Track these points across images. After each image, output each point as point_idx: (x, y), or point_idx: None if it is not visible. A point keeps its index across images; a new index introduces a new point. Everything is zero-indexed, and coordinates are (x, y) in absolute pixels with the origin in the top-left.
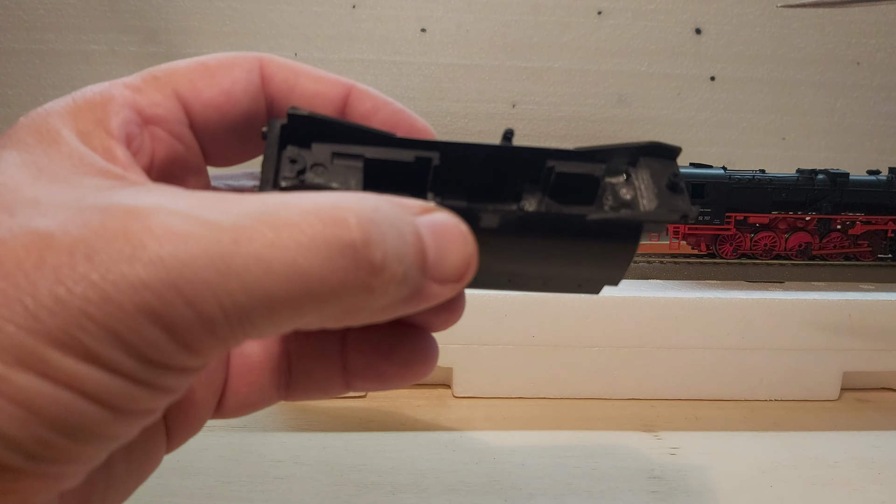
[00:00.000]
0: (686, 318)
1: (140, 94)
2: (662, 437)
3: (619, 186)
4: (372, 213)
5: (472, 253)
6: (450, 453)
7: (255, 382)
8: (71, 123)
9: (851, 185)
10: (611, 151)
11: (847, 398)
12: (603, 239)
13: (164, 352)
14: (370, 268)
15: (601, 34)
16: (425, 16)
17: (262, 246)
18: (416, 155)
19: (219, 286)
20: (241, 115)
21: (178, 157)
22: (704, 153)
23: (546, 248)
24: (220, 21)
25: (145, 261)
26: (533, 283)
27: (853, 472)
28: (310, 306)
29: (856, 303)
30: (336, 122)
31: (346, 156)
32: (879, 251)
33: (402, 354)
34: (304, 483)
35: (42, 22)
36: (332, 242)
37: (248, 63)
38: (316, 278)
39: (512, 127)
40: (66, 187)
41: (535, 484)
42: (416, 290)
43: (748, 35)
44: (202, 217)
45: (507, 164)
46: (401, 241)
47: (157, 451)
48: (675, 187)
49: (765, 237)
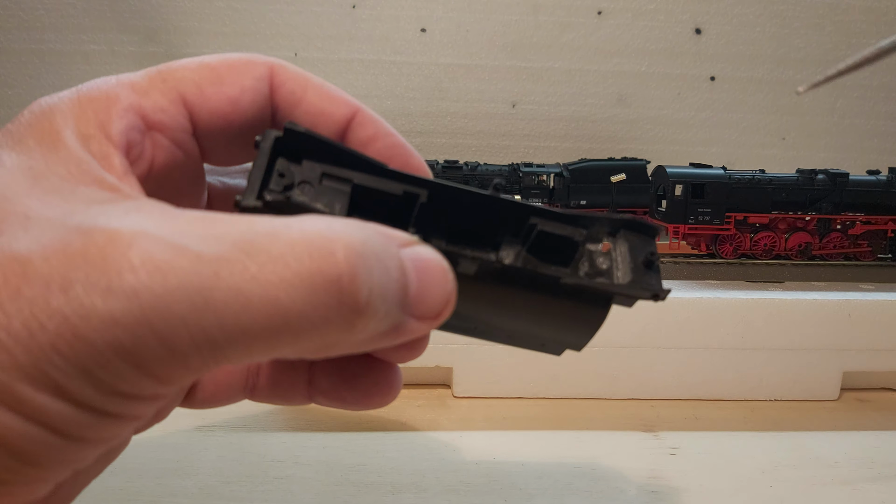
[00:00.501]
0: (686, 319)
1: (146, 97)
2: (662, 438)
3: (597, 255)
4: (361, 246)
5: (452, 291)
6: (450, 453)
7: (223, 381)
8: (73, 124)
9: (851, 185)
10: (593, 219)
11: (847, 398)
12: (573, 303)
13: (134, 384)
14: (354, 305)
15: (601, 34)
16: (425, 16)
17: (243, 280)
18: (404, 189)
19: (193, 322)
20: (245, 124)
21: (177, 163)
22: (704, 153)
23: (516, 302)
24: (220, 21)
25: (119, 294)
26: (497, 335)
27: (853, 472)
28: (287, 341)
29: (856, 303)
30: (332, 143)
31: (335, 178)
32: (879, 251)
33: (364, 384)
34: (304, 483)
35: (42, 22)
36: (317, 278)
37: (259, 70)
38: (296, 315)
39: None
40: (58, 199)
41: (534, 484)
42: (395, 326)
43: (748, 35)
44: (184, 246)
45: (492, 213)
46: (386, 276)
47: (125, 440)
48: (651, 265)
49: (765, 237)
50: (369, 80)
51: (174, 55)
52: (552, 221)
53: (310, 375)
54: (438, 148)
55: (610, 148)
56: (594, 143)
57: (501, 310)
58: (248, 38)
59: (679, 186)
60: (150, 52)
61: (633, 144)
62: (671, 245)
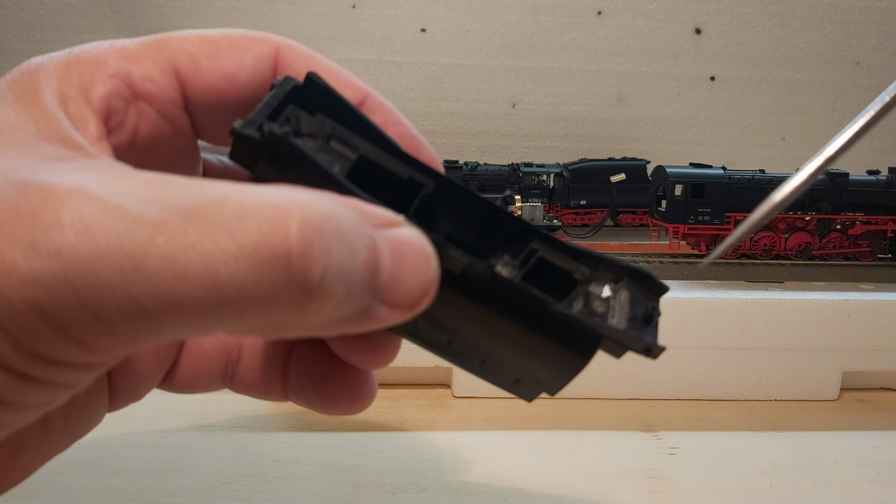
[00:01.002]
0: (686, 319)
1: (135, 64)
2: (662, 437)
3: (594, 297)
4: (320, 222)
5: (433, 279)
6: (449, 453)
7: (202, 368)
8: (56, 84)
9: (851, 184)
10: (599, 260)
11: (846, 398)
12: (557, 339)
13: (57, 349)
14: (304, 284)
15: (601, 34)
16: (425, 16)
17: (180, 248)
18: (411, 174)
19: (120, 288)
20: (241, 103)
21: (163, 136)
22: (704, 153)
23: (497, 323)
24: (220, 21)
25: (42, 252)
26: (471, 357)
27: (853, 472)
28: (228, 317)
29: (855, 303)
30: (348, 105)
31: (343, 142)
32: (879, 251)
33: (330, 388)
34: (304, 483)
35: (42, 22)
36: (263, 251)
37: (262, 48)
38: (237, 289)
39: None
40: (15, 153)
41: (534, 484)
42: (361, 311)
43: (748, 35)
44: (123, 207)
45: (496, 226)
46: (349, 256)
47: (98, 411)
48: (650, 320)
49: (764, 237)
50: (369, 80)
51: None
52: (554, 251)
53: (284, 371)
54: (438, 148)
55: (610, 148)
56: (594, 143)
57: (480, 328)
58: None
59: (679, 186)
60: None
61: (633, 144)
62: (671, 245)
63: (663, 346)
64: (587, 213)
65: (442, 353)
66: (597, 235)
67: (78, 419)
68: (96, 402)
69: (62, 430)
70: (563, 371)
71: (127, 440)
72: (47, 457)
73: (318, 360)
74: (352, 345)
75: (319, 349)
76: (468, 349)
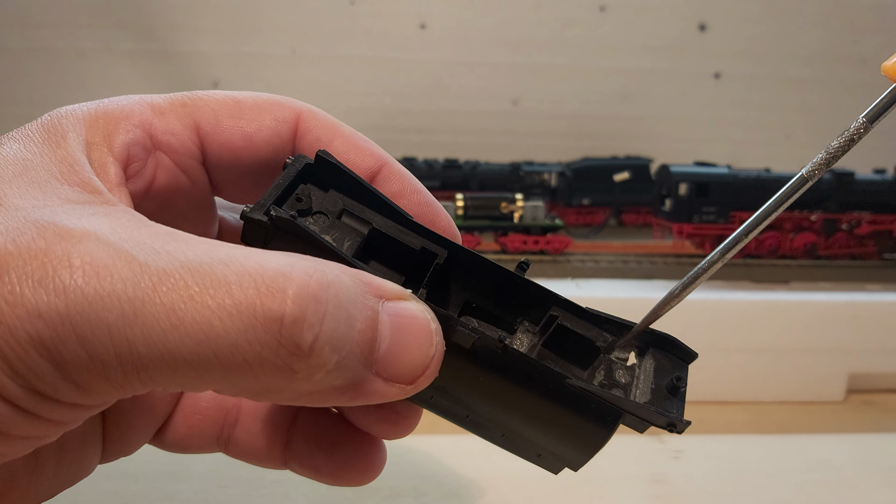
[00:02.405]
0: (690, 319)
1: (160, 117)
2: (666, 441)
3: (618, 366)
4: (318, 289)
5: (434, 356)
6: (449, 457)
7: (195, 427)
8: (82, 130)
9: (857, 184)
10: (623, 326)
11: (852, 400)
12: (577, 412)
13: (51, 385)
14: (294, 348)
15: (604, 30)
16: (425, 11)
17: (179, 298)
18: (423, 245)
19: (118, 331)
20: (258, 162)
21: (180, 187)
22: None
23: (515, 397)
24: (217, 17)
25: (48, 288)
26: (492, 431)
27: (859, 475)
28: (217, 374)
29: (862, 303)
30: (359, 180)
31: (355, 217)
32: (886, 251)
33: (343, 455)
34: (302, 487)
35: (37, 19)
36: (258, 311)
37: (283, 112)
38: (228, 346)
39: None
40: (37, 192)
41: (536, 488)
42: (354, 382)
43: (753, 31)
44: (131, 254)
45: (513, 293)
46: (345, 325)
47: (90, 460)
48: (676, 391)
49: (770, 237)
50: (368, 76)
51: (170, 52)
52: (575, 317)
53: (288, 438)
54: (438, 146)
55: (613, 146)
56: (597, 140)
57: (497, 402)
58: (246, 34)
59: (683, 185)
60: (146, 49)
61: (637, 142)
62: (675, 244)
63: (688, 421)
64: (590, 212)
65: (462, 424)
66: (600, 235)
67: (70, 465)
68: (90, 452)
69: (53, 475)
70: (584, 446)
71: None
72: (36, 500)
73: (329, 425)
74: (372, 413)
75: (330, 414)
76: (488, 422)
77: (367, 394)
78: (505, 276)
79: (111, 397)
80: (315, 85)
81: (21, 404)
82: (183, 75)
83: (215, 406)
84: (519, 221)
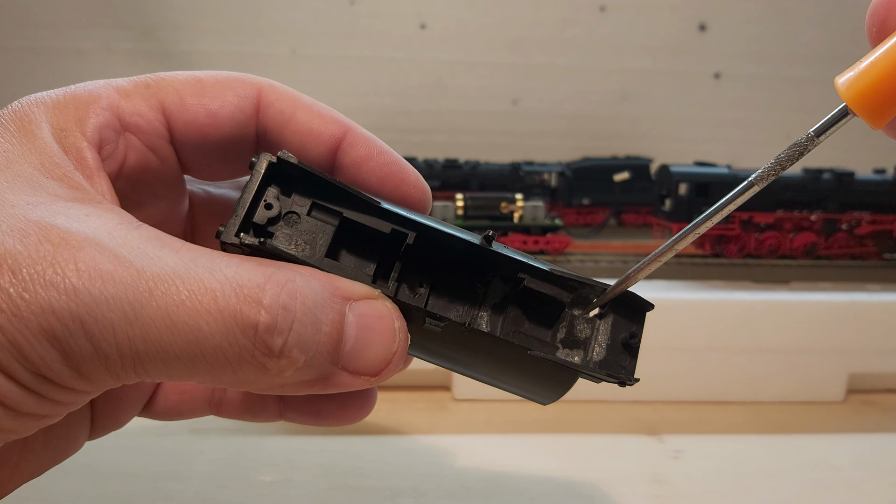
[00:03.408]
0: (690, 320)
1: (126, 100)
2: (666, 441)
3: (580, 321)
4: (288, 299)
5: (397, 352)
6: (449, 457)
7: (187, 392)
8: (52, 118)
9: (857, 184)
10: (583, 283)
11: (852, 400)
12: (542, 372)
13: (57, 372)
14: (267, 351)
15: (604, 30)
16: (425, 11)
17: (172, 303)
18: (392, 228)
19: (121, 330)
20: (223, 138)
21: (150, 166)
22: (709, 151)
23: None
24: (217, 17)
25: (61, 289)
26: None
27: (859, 475)
28: (203, 369)
29: (862, 303)
30: (323, 177)
31: (325, 209)
32: (886, 251)
33: (341, 395)
34: (301, 487)
35: (37, 19)
36: (237, 318)
37: (244, 88)
38: (212, 347)
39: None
40: (25, 186)
41: (536, 488)
42: (322, 376)
43: (753, 31)
44: (129, 261)
45: (482, 262)
46: (313, 329)
47: (79, 437)
48: (629, 347)
49: (770, 237)
50: (368, 77)
51: (169, 52)
52: (538, 280)
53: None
54: (438, 146)
55: (613, 146)
56: (597, 140)
57: (477, 357)
58: (245, 34)
59: (683, 185)
60: (146, 49)
61: (637, 142)
62: None
63: (637, 378)
64: (590, 212)
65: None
66: (600, 235)
67: (58, 442)
68: (78, 429)
69: (41, 452)
70: (552, 393)
71: (121, 444)
72: (25, 478)
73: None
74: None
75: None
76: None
77: (335, 385)
78: (473, 249)
79: (107, 385)
80: (315, 85)
81: (30, 386)
82: None
83: None
84: (519, 221)
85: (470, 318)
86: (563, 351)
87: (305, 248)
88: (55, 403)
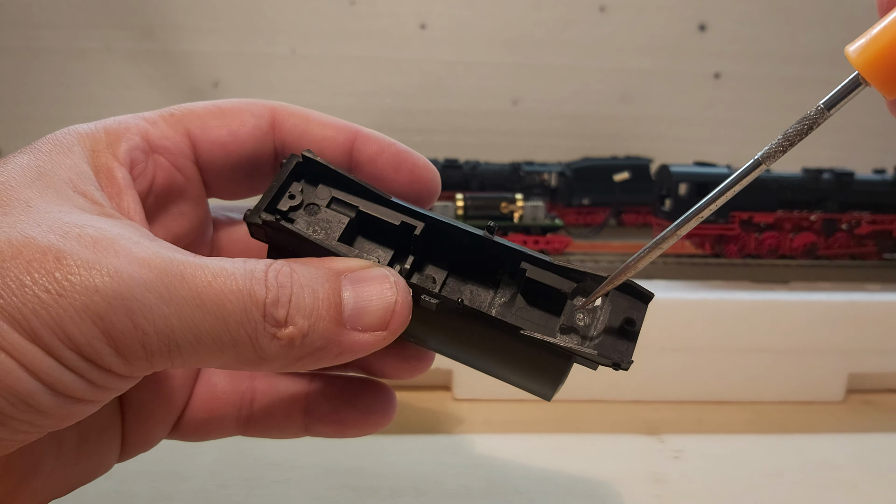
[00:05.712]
0: (690, 320)
1: (154, 126)
2: (666, 440)
3: (580, 310)
4: (285, 278)
5: (399, 301)
6: (449, 457)
7: (214, 410)
8: (86, 143)
9: (857, 184)
10: (585, 274)
11: (852, 400)
12: (538, 352)
13: (98, 350)
14: (274, 322)
15: (604, 31)
16: (425, 11)
17: (201, 284)
18: (402, 220)
19: (157, 308)
20: (245, 156)
21: (176, 185)
22: (708, 152)
23: (486, 341)
24: (217, 17)
25: (104, 272)
26: (479, 364)
27: (858, 475)
28: (228, 346)
29: (861, 303)
30: (341, 173)
31: (343, 203)
32: (886, 251)
33: (365, 402)
34: (302, 487)
35: (37, 19)
36: (251, 296)
37: (259, 109)
38: (235, 323)
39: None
40: (55, 196)
41: (536, 488)
42: (332, 340)
43: (753, 31)
44: (158, 250)
45: (487, 252)
46: (310, 297)
47: (109, 454)
48: (627, 333)
49: (770, 237)
50: (368, 77)
51: (170, 52)
52: (540, 270)
53: (306, 403)
54: (438, 146)
55: (613, 146)
56: (597, 140)
57: (474, 342)
58: (245, 34)
59: (683, 185)
60: (146, 49)
61: (637, 142)
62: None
63: (631, 361)
64: (590, 212)
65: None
66: (600, 235)
67: (89, 459)
68: (108, 445)
69: (74, 465)
70: (548, 381)
71: None
72: (57, 491)
73: (345, 381)
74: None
75: (338, 378)
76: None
77: (349, 347)
78: (476, 241)
79: (142, 370)
80: (315, 85)
81: (71, 364)
82: (183, 75)
83: (231, 389)
84: (519, 221)
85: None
86: (561, 337)
87: (320, 233)
88: (92, 386)
